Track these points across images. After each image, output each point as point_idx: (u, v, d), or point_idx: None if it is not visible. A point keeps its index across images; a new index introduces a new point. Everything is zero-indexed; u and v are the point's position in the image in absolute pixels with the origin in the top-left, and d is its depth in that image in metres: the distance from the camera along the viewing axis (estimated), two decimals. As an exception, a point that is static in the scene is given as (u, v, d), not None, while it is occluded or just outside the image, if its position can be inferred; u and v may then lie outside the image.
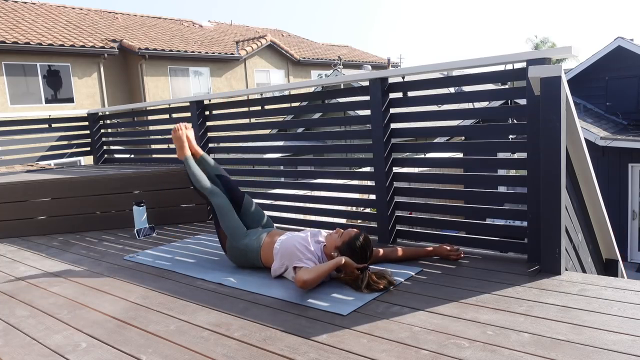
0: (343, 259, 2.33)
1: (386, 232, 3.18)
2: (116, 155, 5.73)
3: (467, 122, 8.48)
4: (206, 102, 4.38)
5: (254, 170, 4.56)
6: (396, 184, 3.20)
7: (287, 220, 3.86)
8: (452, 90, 4.92)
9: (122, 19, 17.89)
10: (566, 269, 2.42)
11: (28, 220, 4.10)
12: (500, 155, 7.45)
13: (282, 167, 4.32)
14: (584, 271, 2.98)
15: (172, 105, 4.81)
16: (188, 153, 3.09)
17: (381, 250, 2.71)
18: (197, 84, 16.67)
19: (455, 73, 3.04)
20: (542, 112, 2.27)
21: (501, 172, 8.79)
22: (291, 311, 2.14)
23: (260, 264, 2.69)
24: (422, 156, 3.32)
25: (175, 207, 4.29)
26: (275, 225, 3.06)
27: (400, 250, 2.74)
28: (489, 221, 3.15)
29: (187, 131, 3.14)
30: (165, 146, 5.28)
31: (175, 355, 1.80)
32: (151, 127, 6.41)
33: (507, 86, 5.00)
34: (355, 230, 2.47)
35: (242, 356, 1.76)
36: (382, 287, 2.29)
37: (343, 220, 3.79)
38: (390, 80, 3.09)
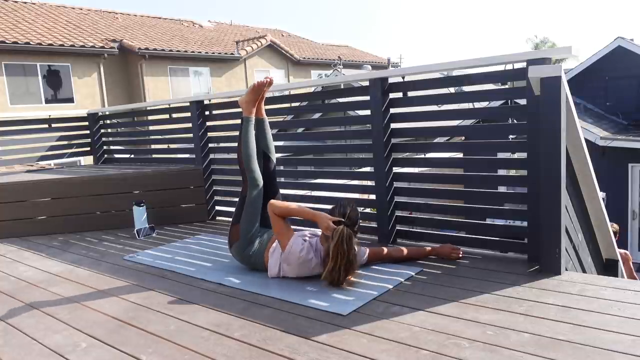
0: (319, 213, 2.44)
1: (386, 232, 3.18)
2: (116, 155, 5.73)
3: (467, 122, 8.48)
4: (206, 102, 4.38)
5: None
6: (396, 184, 3.20)
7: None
8: (452, 90, 4.93)
9: (122, 19, 17.88)
10: (566, 269, 2.42)
11: (28, 220, 4.10)
12: (500, 155, 7.45)
13: (282, 167, 4.31)
14: (584, 271, 2.98)
15: (172, 105, 4.80)
16: (253, 114, 2.90)
17: (385, 249, 2.72)
18: (197, 84, 16.66)
19: (455, 73, 3.03)
20: (542, 112, 2.27)
21: (501, 172, 8.79)
22: (291, 311, 2.14)
23: (262, 267, 2.68)
24: (422, 156, 3.32)
25: (175, 207, 4.29)
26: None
27: (403, 250, 2.74)
28: (489, 221, 3.15)
29: (260, 93, 2.90)
30: (165, 146, 5.28)
31: (175, 355, 1.80)
32: (151, 127, 6.40)
33: (507, 86, 5.01)
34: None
35: (242, 356, 1.76)
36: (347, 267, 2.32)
37: (343, 220, 3.78)
38: (391, 80, 3.09)
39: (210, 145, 4.38)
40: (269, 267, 2.60)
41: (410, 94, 3.19)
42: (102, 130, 5.71)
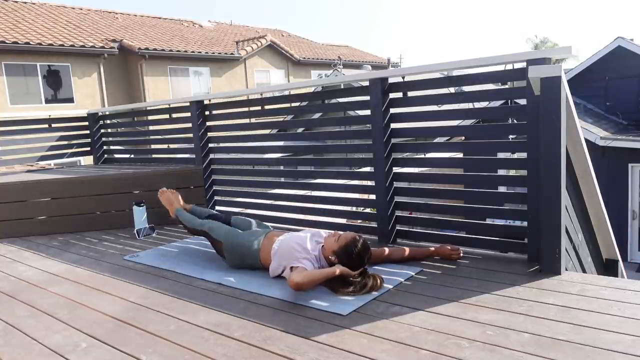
0: (337, 270, 2.29)
1: (386, 232, 3.18)
2: (116, 155, 5.73)
3: (467, 122, 8.47)
4: (206, 102, 4.38)
5: (254, 170, 4.56)
6: (396, 184, 3.20)
7: (287, 220, 3.86)
8: (452, 90, 4.94)
9: (122, 19, 17.88)
10: (566, 269, 2.42)
11: (28, 220, 4.09)
12: (500, 155, 7.45)
13: (282, 167, 4.32)
14: (584, 271, 2.98)
15: (172, 105, 4.80)
16: (177, 206, 3.33)
17: (386, 250, 2.71)
18: (197, 84, 16.66)
19: (455, 73, 3.03)
20: (542, 112, 2.27)
21: (501, 172, 8.81)
22: (291, 311, 2.14)
23: (259, 266, 2.69)
24: (422, 156, 3.33)
25: (175, 207, 4.28)
26: (275, 225, 3.06)
27: (403, 251, 2.73)
28: (489, 221, 3.15)
29: (172, 195, 3.39)
30: (165, 146, 5.28)
31: (175, 355, 1.80)
32: (151, 127, 6.40)
33: (507, 86, 5.01)
34: (353, 234, 2.42)
35: (242, 356, 1.76)
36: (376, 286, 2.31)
37: (343, 220, 3.79)
38: (391, 80, 3.09)
39: (210, 145, 4.37)
40: (270, 269, 2.60)
41: (410, 94, 3.19)
42: (102, 130, 5.71)
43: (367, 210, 5.03)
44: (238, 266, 2.79)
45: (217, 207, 4.41)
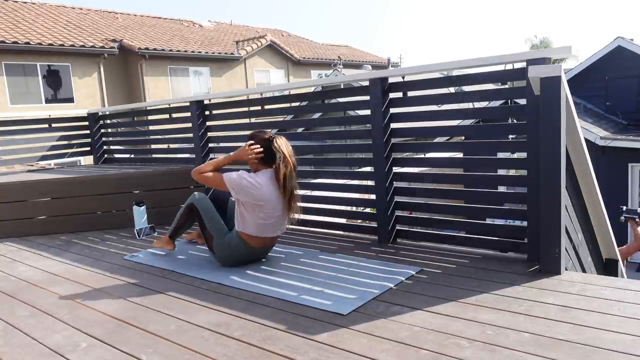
0: (235, 152, 2.82)
1: (386, 232, 3.18)
2: (116, 155, 5.73)
3: (467, 122, 8.47)
4: (206, 102, 4.38)
5: (254, 170, 4.55)
6: (396, 184, 3.20)
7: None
8: (452, 90, 4.95)
9: (122, 19, 17.88)
10: (566, 269, 2.42)
11: (28, 220, 4.09)
12: (500, 155, 7.45)
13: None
14: (584, 271, 2.98)
15: (172, 105, 4.81)
16: (173, 244, 3.28)
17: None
18: (197, 84, 16.66)
19: (455, 73, 3.04)
20: (542, 112, 2.27)
21: (501, 172, 8.80)
22: (291, 311, 2.14)
23: (243, 244, 2.77)
24: (422, 156, 3.33)
25: (175, 207, 4.27)
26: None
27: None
28: (489, 221, 3.16)
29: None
30: (165, 146, 5.28)
31: (175, 355, 1.80)
32: (151, 127, 6.40)
33: (507, 86, 5.00)
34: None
35: (242, 356, 1.76)
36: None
37: (343, 220, 3.79)
38: (391, 80, 3.09)
39: (210, 145, 4.38)
40: (236, 222, 2.78)
41: (410, 93, 3.19)
42: (102, 130, 5.71)
43: (367, 210, 5.03)
44: (226, 260, 2.84)
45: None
